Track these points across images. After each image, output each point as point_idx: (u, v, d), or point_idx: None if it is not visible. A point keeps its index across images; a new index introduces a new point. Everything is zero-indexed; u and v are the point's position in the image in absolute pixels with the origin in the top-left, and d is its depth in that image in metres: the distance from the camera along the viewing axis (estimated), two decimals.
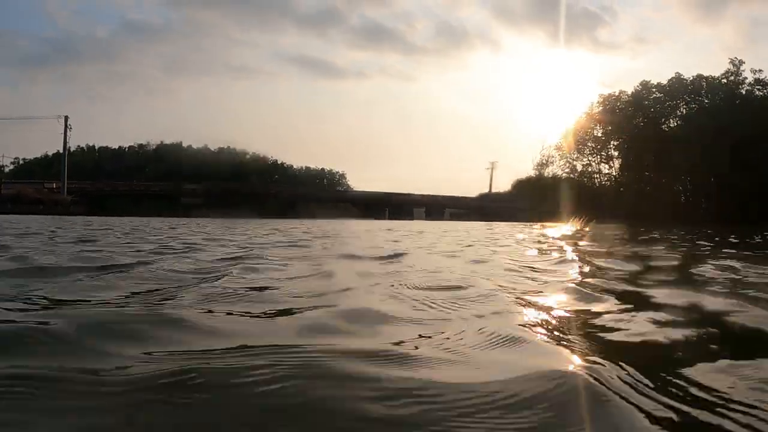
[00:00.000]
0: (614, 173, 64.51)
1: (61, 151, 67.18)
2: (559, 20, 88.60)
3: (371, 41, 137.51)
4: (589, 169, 65.38)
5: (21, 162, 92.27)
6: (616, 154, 64.54)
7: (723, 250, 7.36)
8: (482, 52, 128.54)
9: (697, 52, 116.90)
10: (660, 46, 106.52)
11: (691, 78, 61.83)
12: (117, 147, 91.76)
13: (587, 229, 20.58)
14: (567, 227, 22.21)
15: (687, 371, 1.44)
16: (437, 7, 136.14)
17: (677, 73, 62.73)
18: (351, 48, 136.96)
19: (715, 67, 61.40)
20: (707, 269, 4.28)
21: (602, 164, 65.52)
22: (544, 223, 33.22)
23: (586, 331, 1.99)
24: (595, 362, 1.45)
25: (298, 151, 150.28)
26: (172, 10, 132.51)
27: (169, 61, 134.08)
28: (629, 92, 64.53)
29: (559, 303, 2.62)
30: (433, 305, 2.39)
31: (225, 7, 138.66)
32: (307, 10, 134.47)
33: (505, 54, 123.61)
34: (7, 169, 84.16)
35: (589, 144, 65.23)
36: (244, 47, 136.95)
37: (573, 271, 4.10)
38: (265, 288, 2.92)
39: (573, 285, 3.14)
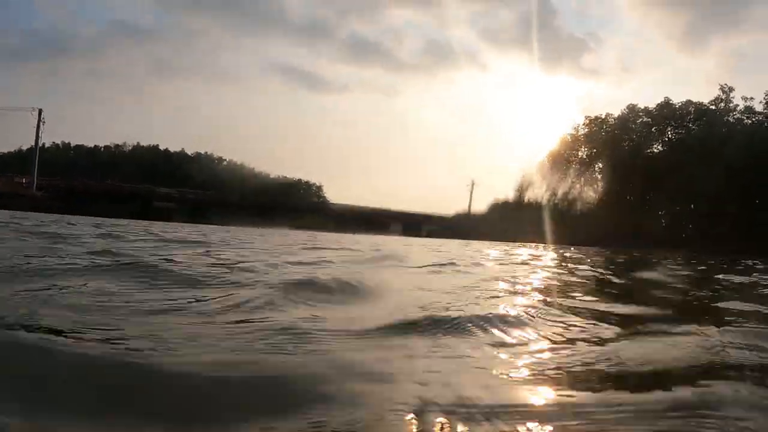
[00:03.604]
0: (598, 196, 64.48)
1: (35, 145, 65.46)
2: (543, 48, 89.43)
3: (358, 55, 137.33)
4: (572, 192, 65.22)
5: None
6: (600, 176, 64.53)
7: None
8: (468, 72, 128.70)
9: (679, 83, 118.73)
10: (643, 75, 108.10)
11: (680, 103, 61.72)
12: (93, 145, 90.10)
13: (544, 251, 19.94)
14: (528, 251, 21.37)
15: None
16: (425, 25, 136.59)
17: (666, 97, 62.44)
18: (338, 61, 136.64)
19: (696, 98, 62.51)
20: None
21: (586, 186, 65.52)
22: (509, 245, 32.66)
23: None
24: None
25: (275, 160, 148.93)
26: (161, 12, 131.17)
27: (153, 63, 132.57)
28: (615, 115, 64.70)
29: None
30: None
31: (215, 12, 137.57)
32: (297, 22, 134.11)
33: (491, 75, 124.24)
34: None
35: (573, 166, 65.18)
36: (231, 55, 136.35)
37: None
38: None
39: None
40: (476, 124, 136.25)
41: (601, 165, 64.22)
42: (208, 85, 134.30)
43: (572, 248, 30.96)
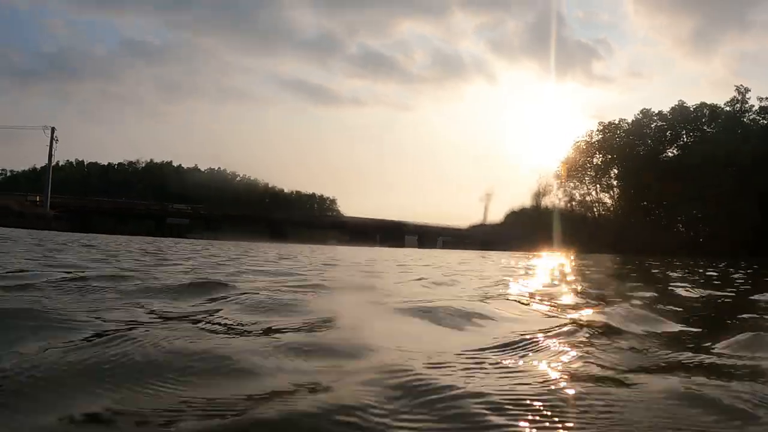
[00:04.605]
0: (613, 202, 63.50)
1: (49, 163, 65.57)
2: (550, 57, 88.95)
3: (369, 70, 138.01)
4: (588, 199, 64.31)
5: (8, 174, 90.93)
6: (616, 182, 63.67)
7: None
8: (478, 83, 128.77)
9: (689, 87, 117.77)
10: (651, 80, 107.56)
11: (694, 106, 61.01)
12: (106, 163, 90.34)
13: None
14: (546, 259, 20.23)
15: None
16: (435, 38, 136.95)
17: (680, 100, 61.88)
18: (349, 76, 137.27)
19: (709, 101, 61.53)
20: None
21: (602, 193, 64.58)
22: (531, 254, 31.78)
23: None
24: None
25: (289, 175, 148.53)
26: (171, 32, 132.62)
27: (164, 82, 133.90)
28: (629, 120, 63.90)
29: None
30: None
31: (225, 30, 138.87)
32: (307, 37, 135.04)
33: (500, 85, 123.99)
34: None
35: (589, 172, 64.35)
36: (242, 71, 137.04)
37: None
38: None
39: None
40: (488, 133, 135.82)
41: (616, 171, 63.44)
42: (221, 101, 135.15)
43: (586, 255, 30.05)
